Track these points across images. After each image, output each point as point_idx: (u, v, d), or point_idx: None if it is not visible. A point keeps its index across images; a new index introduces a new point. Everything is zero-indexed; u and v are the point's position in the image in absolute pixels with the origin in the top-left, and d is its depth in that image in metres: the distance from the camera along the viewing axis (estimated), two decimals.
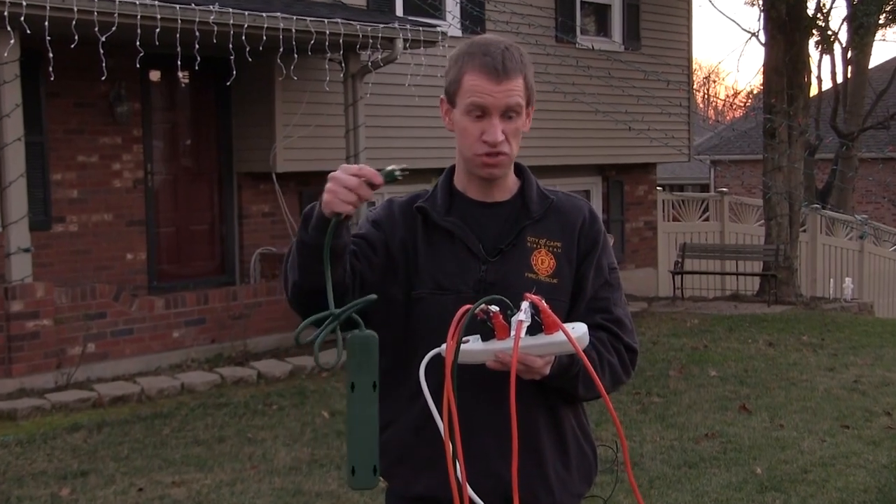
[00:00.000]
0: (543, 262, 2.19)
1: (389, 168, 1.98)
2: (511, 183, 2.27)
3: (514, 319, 1.93)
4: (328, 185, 1.96)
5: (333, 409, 7.56)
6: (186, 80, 10.75)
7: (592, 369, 2.17)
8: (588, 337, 1.99)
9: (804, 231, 16.48)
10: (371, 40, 9.44)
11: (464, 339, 2.03)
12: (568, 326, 2.01)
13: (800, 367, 9.23)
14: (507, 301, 1.94)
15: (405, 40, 9.79)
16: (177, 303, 9.00)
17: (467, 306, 1.94)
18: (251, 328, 9.38)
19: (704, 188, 28.09)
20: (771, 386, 8.38)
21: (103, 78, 8.08)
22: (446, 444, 1.89)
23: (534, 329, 1.95)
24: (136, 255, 10.15)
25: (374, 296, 1.99)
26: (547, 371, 2.05)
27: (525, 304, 1.93)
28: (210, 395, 8.08)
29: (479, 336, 2.02)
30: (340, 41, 9.27)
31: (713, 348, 10.21)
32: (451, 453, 1.88)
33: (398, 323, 2.20)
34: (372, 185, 1.94)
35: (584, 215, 2.28)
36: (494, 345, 1.96)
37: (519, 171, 2.30)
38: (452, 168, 2.31)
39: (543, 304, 1.92)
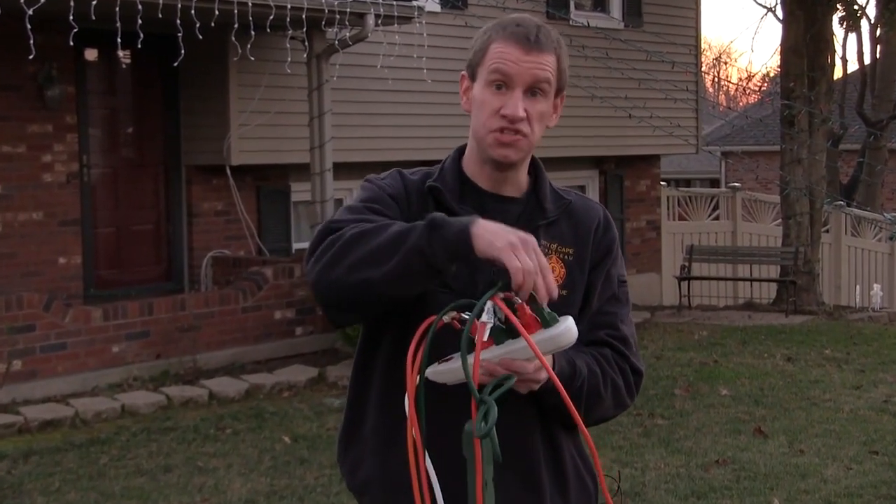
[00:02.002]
0: (553, 272, 2.17)
1: (550, 312, 1.97)
2: (523, 179, 2.30)
3: (478, 323, 1.95)
4: (514, 240, 1.93)
5: (295, 434, 7.53)
6: (128, 61, 10.70)
7: (598, 386, 2.21)
8: (576, 331, 2.00)
9: (827, 231, 16.57)
10: (338, 16, 9.41)
11: (446, 358, 2.02)
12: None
13: (822, 384, 9.26)
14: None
15: (377, 16, 9.77)
16: (117, 313, 8.95)
17: (432, 318, 1.94)
18: (202, 342, 9.34)
19: (714, 183, 28.22)
20: (790, 406, 8.41)
21: (31, 57, 7.99)
22: (412, 477, 1.90)
23: (515, 332, 1.95)
24: (69, 259, 10.08)
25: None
26: (542, 377, 2.05)
27: (488, 305, 1.94)
28: (155, 417, 8.05)
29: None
30: (303, 17, 9.24)
31: (724, 364, 10.24)
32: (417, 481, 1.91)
33: (399, 316, 2.18)
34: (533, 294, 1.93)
35: (599, 220, 2.33)
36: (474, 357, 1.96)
37: (532, 165, 2.33)
38: (460, 150, 2.33)
39: (505, 306, 1.93)
